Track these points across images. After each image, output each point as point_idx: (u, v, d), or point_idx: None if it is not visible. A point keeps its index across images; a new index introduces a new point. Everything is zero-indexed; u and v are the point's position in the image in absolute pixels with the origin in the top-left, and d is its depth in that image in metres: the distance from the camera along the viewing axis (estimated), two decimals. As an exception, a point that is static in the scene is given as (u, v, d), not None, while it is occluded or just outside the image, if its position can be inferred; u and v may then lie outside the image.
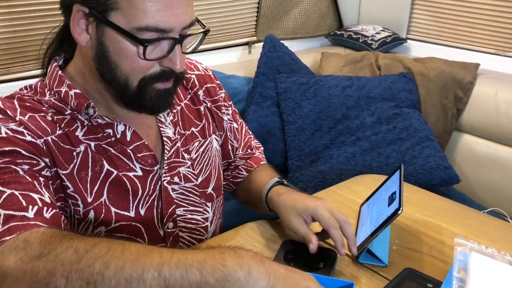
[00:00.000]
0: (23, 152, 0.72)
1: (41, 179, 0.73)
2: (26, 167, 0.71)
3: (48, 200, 0.70)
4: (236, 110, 1.09)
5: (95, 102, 0.81)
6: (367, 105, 1.72)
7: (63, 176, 0.78)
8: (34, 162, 0.73)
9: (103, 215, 0.82)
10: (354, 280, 0.87)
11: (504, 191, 1.71)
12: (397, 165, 1.47)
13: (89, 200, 0.81)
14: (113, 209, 0.83)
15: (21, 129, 0.74)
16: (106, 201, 0.83)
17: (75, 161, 0.79)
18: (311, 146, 1.62)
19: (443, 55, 1.98)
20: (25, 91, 0.82)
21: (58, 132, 0.78)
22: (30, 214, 0.66)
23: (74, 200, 0.80)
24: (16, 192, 0.68)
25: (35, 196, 0.69)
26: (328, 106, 1.68)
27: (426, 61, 1.95)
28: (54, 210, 0.70)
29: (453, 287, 0.74)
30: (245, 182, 1.07)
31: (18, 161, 0.71)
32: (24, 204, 0.67)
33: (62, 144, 0.78)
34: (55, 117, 0.79)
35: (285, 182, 1.00)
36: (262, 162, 1.09)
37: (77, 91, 0.80)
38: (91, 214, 0.82)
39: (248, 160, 1.08)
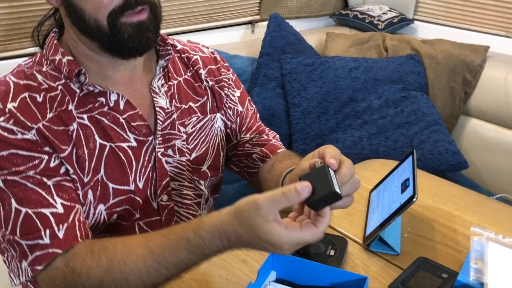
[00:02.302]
0: (20, 152, 0.75)
1: (49, 182, 0.76)
2: (31, 172, 0.75)
3: (60, 210, 0.75)
4: (250, 98, 1.06)
5: (87, 69, 0.82)
6: (374, 88, 1.68)
7: (63, 160, 0.78)
8: (36, 162, 0.75)
9: (99, 192, 0.81)
10: (365, 268, 0.85)
11: (509, 175, 1.69)
12: (409, 150, 1.45)
13: (86, 180, 0.80)
14: (111, 185, 0.83)
15: (10, 125, 0.75)
16: (104, 177, 0.82)
17: (71, 141, 0.79)
18: (317, 129, 1.59)
19: (451, 37, 1.94)
20: (26, 62, 0.84)
21: (49, 115, 0.78)
22: (46, 240, 0.74)
23: (75, 183, 0.79)
24: (30, 211, 0.74)
25: (47, 212, 0.74)
26: (334, 88, 1.64)
27: (434, 43, 1.91)
28: (66, 224, 0.75)
29: (471, 278, 0.72)
30: (263, 172, 1.00)
31: (21, 168, 0.74)
32: (39, 225, 0.74)
33: (55, 127, 0.78)
34: (48, 95, 0.79)
35: None
36: (280, 150, 1.03)
37: (70, 58, 0.81)
38: (90, 194, 0.81)
39: (263, 148, 1.03)
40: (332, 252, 0.85)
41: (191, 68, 0.96)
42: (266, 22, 1.86)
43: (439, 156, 1.51)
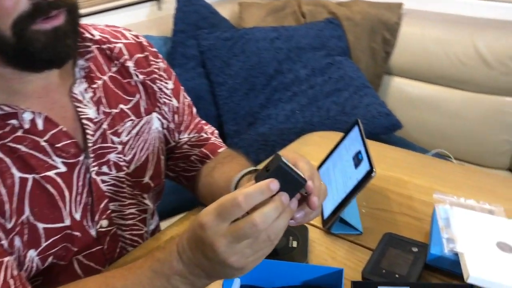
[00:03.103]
0: None
1: None
2: None
3: None
4: (182, 87, 0.93)
5: None
6: (299, 57, 1.63)
7: None
8: None
9: (26, 237, 0.67)
10: (332, 255, 0.79)
11: (441, 131, 1.74)
12: (343, 118, 1.41)
13: (9, 226, 0.65)
14: (40, 226, 0.68)
15: None
16: (30, 218, 0.67)
17: None
18: (246, 107, 1.51)
19: (364, -4, 1.93)
20: None
21: None
22: None
23: None
24: None
25: None
26: (258, 61, 1.56)
27: (351, 5, 1.89)
28: None
29: (445, 249, 0.69)
30: (203, 176, 0.90)
31: None
32: None
33: None
34: None
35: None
36: (220, 150, 0.93)
37: None
38: (17, 241, 0.66)
39: (202, 149, 0.92)
40: (294, 244, 0.79)
41: (116, 62, 0.81)
42: (173, -3, 1.72)
43: (373, 120, 1.51)
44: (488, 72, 1.65)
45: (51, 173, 0.69)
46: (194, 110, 0.96)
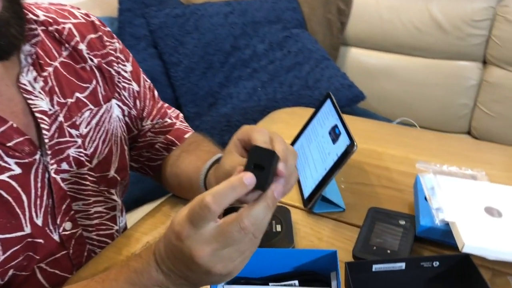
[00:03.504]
0: None
1: None
2: None
3: None
4: (141, 69, 0.85)
5: None
6: (255, 31, 1.57)
7: None
8: None
9: None
10: (317, 235, 0.76)
11: (402, 99, 1.75)
12: (306, 92, 1.38)
13: None
14: None
15: None
16: None
17: None
18: (206, 87, 1.44)
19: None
20: None
21: None
22: None
23: None
24: None
25: None
26: (214, 38, 1.49)
27: (302, -25, 1.85)
28: None
29: (436, 220, 0.67)
30: (169, 165, 0.84)
31: None
32: None
33: None
34: None
35: None
36: (187, 135, 0.87)
37: None
38: None
39: (167, 135, 0.85)
40: (278, 228, 0.75)
41: (67, 45, 0.72)
42: (116, -27, 1.60)
43: (337, 92, 1.48)
44: (444, 38, 1.67)
45: (3, 177, 0.61)
46: (156, 93, 0.89)
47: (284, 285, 0.63)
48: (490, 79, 1.65)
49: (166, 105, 0.91)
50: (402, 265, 0.64)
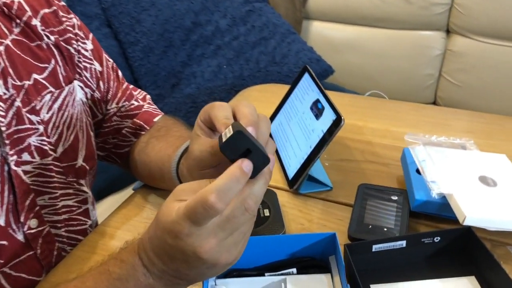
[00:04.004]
0: None
1: None
2: None
3: None
4: (101, 48, 0.78)
5: None
6: (216, 6, 1.49)
7: None
8: None
9: None
10: (308, 217, 0.72)
11: (368, 72, 1.73)
12: (274, 69, 1.33)
13: None
14: None
15: None
16: None
17: None
18: (167, 67, 1.36)
19: None
20: None
21: None
22: None
23: None
24: None
25: None
26: (173, 14, 1.41)
27: None
28: None
29: (433, 193, 0.65)
30: (137, 152, 0.77)
31: None
32: None
33: None
34: None
35: None
36: (156, 118, 0.80)
37: None
38: None
39: (135, 119, 0.79)
40: (267, 212, 0.70)
41: (18, 21, 0.63)
42: None
43: (305, 67, 1.44)
44: (407, 8, 1.65)
45: None
46: (120, 73, 0.81)
47: (282, 274, 0.59)
48: (454, 48, 1.66)
49: (132, 86, 0.84)
50: (403, 243, 0.61)
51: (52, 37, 0.66)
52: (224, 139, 0.44)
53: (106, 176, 1.22)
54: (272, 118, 0.94)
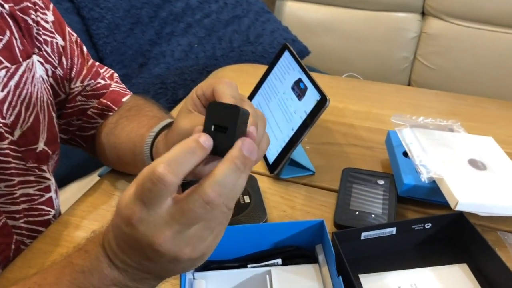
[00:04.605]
0: None
1: None
2: None
3: None
4: (64, 21, 0.71)
5: None
6: (186, -19, 1.42)
7: None
8: None
9: None
10: (290, 204, 0.69)
11: (343, 54, 1.70)
12: (248, 48, 1.28)
13: None
14: None
15: None
16: None
17: None
18: (134, 45, 1.29)
19: None
20: None
21: None
22: None
23: None
24: None
25: None
26: (140, -11, 1.33)
27: None
28: None
29: (423, 177, 0.62)
30: (105, 135, 0.71)
31: None
32: None
33: None
34: None
35: None
36: (125, 98, 0.74)
37: None
38: None
39: (101, 99, 0.73)
40: (247, 199, 0.66)
41: None
42: None
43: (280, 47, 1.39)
44: (383, -12, 1.63)
45: None
46: (85, 49, 0.75)
47: (266, 265, 0.55)
48: (429, 31, 1.65)
49: (98, 63, 0.77)
50: (393, 230, 0.58)
51: (6, 6, 0.59)
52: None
53: (68, 163, 1.15)
54: (249, 99, 0.89)
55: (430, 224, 0.59)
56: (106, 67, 0.79)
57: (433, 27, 1.64)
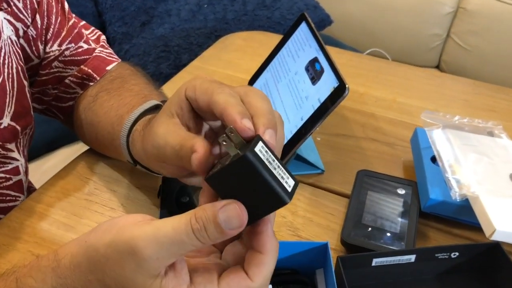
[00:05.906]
0: None
1: None
2: None
3: None
4: None
5: None
6: None
7: None
8: None
9: None
10: (292, 209, 0.60)
11: (370, 27, 1.57)
12: (263, 13, 1.18)
13: None
14: None
15: None
16: None
17: None
18: (138, 1, 1.17)
19: None
20: None
21: None
22: None
23: None
24: None
25: None
26: None
27: None
28: None
29: (455, 195, 0.52)
30: (82, 109, 0.62)
31: None
32: None
33: None
34: None
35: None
36: (110, 66, 0.65)
37: None
38: None
39: (82, 67, 0.63)
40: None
41: None
42: None
43: (299, 14, 1.27)
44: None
45: None
46: (66, 6, 0.65)
47: (253, 291, 0.46)
48: (468, 6, 1.50)
49: (83, 23, 0.67)
50: (412, 257, 0.49)
51: None
52: (218, 167, 0.32)
53: (57, 124, 1.06)
54: (257, 75, 0.79)
55: (457, 254, 0.49)
56: (92, 28, 0.69)
57: (472, 2, 1.50)
